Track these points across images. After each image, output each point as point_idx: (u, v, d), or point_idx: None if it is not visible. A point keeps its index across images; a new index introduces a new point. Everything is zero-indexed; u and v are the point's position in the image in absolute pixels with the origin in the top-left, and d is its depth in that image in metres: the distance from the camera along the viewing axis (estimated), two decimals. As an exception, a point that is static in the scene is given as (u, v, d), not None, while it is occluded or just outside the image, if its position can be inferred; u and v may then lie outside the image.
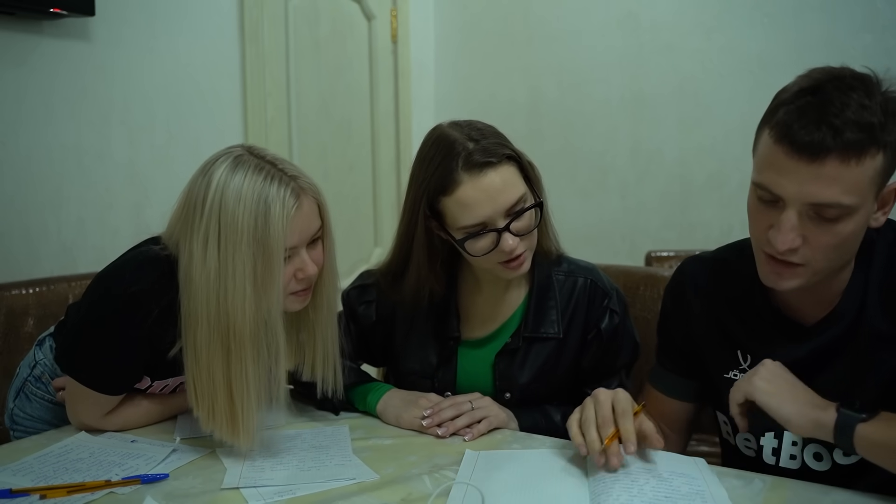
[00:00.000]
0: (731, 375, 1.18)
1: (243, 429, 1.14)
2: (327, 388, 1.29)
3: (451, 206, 1.25)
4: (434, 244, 1.34)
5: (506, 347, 1.38)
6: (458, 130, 1.28)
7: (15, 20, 1.95)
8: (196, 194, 1.13)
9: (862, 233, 1.03)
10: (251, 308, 1.10)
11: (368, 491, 1.06)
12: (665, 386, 1.29)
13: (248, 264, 1.09)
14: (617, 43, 2.98)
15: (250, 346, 1.12)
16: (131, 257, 1.23)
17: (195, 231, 1.12)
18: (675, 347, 1.27)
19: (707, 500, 0.99)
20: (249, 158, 1.14)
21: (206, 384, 1.13)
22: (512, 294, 1.40)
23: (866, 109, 0.94)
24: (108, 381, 1.24)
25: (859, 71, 1.00)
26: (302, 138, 2.81)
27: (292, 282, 1.16)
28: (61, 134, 2.08)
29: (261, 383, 1.14)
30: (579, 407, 1.10)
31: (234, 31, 2.54)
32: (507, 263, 1.27)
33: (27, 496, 1.03)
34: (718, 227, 2.77)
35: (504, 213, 1.24)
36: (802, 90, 0.99)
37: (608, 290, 1.41)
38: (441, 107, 3.41)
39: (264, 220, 1.09)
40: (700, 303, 1.22)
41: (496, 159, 1.24)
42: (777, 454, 1.14)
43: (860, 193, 0.96)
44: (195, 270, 1.11)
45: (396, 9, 3.20)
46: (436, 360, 1.40)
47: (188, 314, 1.13)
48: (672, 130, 2.91)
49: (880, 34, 2.52)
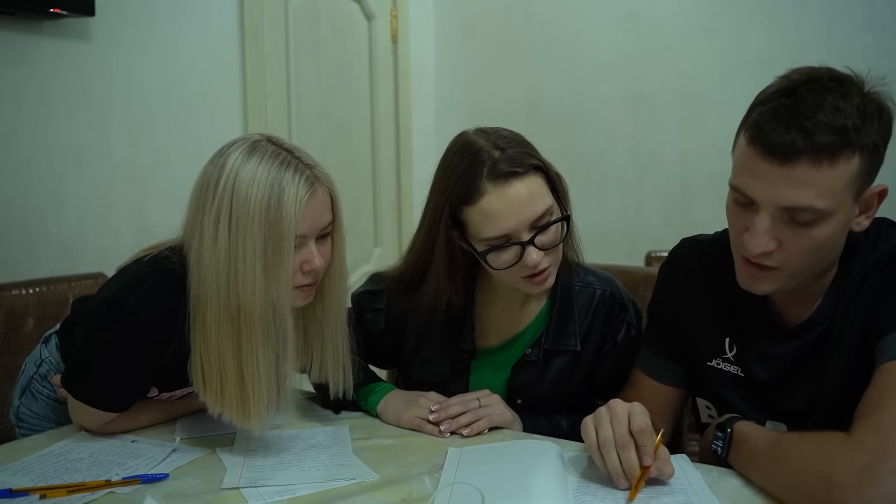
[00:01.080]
0: (714, 364, 1.17)
1: (254, 411, 1.12)
2: (338, 390, 1.27)
3: (474, 216, 1.22)
4: (455, 255, 1.30)
5: (524, 359, 1.35)
6: (483, 138, 1.24)
7: (15, 20, 1.95)
8: (210, 176, 1.12)
9: (841, 236, 1.01)
10: (261, 291, 1.09)
11: (368, 491, 1.06)
12: (652, 369, 1.27)
13: (258, 246, 1.08)
14: (617, 43, 2.98)
15: (260, 328, 1.10)
16: (142, 275, 1.17)
17: (207, 212, 1.11)
18: (664, 328, 1.26)
19: (690, 496, 0.99)
20: (267, 145, 1.13)
21: (214, 366, 1.12)
22: (530, 304, 1.38)
23: (840, 112, 0.93)
24: (112, 402, 1.22)
25: (841, 72, 0.99)
26: (302, 138, 2.81)
27: (298, 274, 1.14)
28: (61, 134, 2.08)
29: (271, 368, 1.13)
30: (592, 417, 1.06)
31: (234, 31, 2.54)
32: (530, 278, 1.24)
33: (27, 496, 1.03)
34: (718, 226, 2.74)
35: (529, 225, 1.20)
36: (778, 91, 0.98)
37: (626, 302, 1.39)
38: (441, 107, 3.41)
39: (277, 203, 1.08)
40: (692, 284, 1.21)
41: (522, 169, 1.20)
42: None
43: (834, 197, 0.94)
44: (206, 251, 1.10)
45: (396, 9, 3.21)
46: (448, 372, 1.38)
47: (198, 295, 1.12)
48: (672, 130, 2.92)
49: (880, 34, 2.52)
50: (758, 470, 1.01)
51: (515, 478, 1.04)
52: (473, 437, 1.24)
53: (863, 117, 0.94)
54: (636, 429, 1.01)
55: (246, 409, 1.12)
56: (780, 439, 1.00)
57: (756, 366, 1.14)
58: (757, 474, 1.01)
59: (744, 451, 1.04)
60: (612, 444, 1.01)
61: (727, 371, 1.16)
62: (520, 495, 0.99)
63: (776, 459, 0.97)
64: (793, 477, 0.94)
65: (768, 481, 0.99)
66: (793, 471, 0.94)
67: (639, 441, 1.01)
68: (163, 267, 1.16)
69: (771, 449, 0.99)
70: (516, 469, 1.07)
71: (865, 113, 0.94)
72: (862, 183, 0.97)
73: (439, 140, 1.32)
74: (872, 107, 0.96)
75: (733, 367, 1.15)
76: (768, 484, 0.99)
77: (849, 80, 0.97)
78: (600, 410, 1.06)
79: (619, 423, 1.02)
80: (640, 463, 1.00)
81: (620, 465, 1.00)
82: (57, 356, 1.40)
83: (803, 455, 0.93)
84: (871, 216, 1.03)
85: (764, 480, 1.00)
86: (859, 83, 0.97)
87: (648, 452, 1.00)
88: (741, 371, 1.15)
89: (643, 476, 1.00)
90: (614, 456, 1.01)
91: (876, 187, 1.00)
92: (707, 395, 1.22)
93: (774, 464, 0.97)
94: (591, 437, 1.04)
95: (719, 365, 1.16)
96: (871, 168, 0.97)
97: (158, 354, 1.18)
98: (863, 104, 0.95)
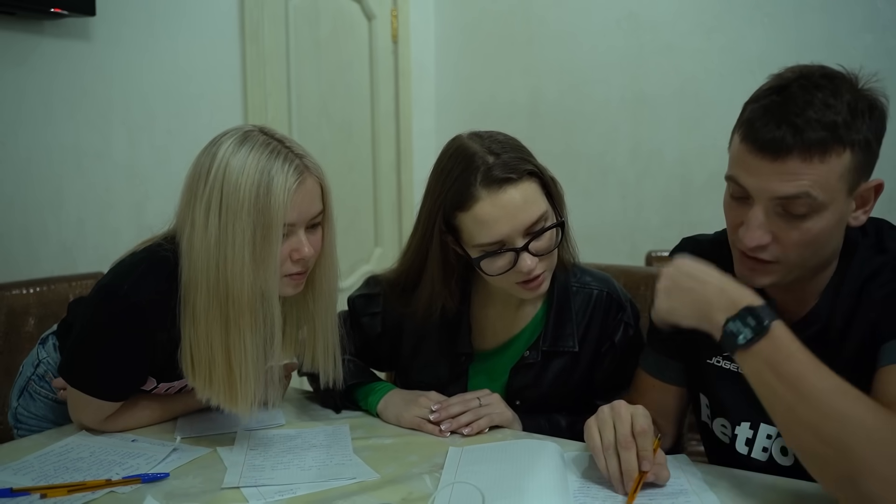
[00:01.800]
0: (713, 361, 1.18)
1: (241, 396, 1.14)
2: (328, 379, 1.28)
3: (468, 222, 1.21)
4: (449, 259, 1.29)
5: (522, 361, 1.35)
6: (478, 142, 1.23)
7: (15, 20, 1.95)
8: (202, 164, 1.14)
9: (837, 232, 1.02)
10: (249, 277, 1.11)
11: (369, 490, 1.06)
12: (655, 369, 1.27)
13: (247, 233, 1.10)
14: (617, 43, 2.98)
15: (248, 315, 1.12)
16: (135, 262, 1.20)
17: (198, 199, 1.12)
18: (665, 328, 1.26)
19: (690, 496, 0.99)
20: (258, 135, 1.15)
21: (203, 350, 1.13)
22: (527, 306, 1.37)
23: (830, 108, 0.94)
24: (110, 390, 1.23)
25: (833, 69, 1.00)
26: (302, 138, 2.79)
27: (287, 262, 1.16)
28: (61, 134, 2.08)
29: (259, 353, 1.15)
30: (595, 418, 1.07)
31: (235, 31, 2.54)
32: (524, 284, 1.24)
33: (28, 495, 1.03)
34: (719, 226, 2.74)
35: (523, 231, 1.20)
36: (770, 89, 1.00)
37: (623, 302, 1.39)
38: (441, 107, 3.41)
39: (266, 190, 1.10)
40: None
41: (517, 175, 1.19)
42: (750, 445, 1.14)
43: (827, 190, 0.95)
44: (196, 238, 1.12)
45: (397, 9, 3.21)
46: (446, 375, 1.38)
47: (188, 281, 1.13)
48: (672, 130, 2.92)
49: (881, 34, 2.52)
50: (778, 385, 0.94)
51: (516, 477, 1.04)
52: (474, 437, 1.24)
53: (853, 113, 0.95)
54: (638, 430, 1.01)
55: (233, 393, 1.14)
56: (820, 369, 0.94)
57: None
58: (773, 388, 0.94)
59: (778, 354, 0.94)
60: (614, 448, 1.02)
61: (726, 369, 1.16)
62: (520, 495, 0.99)
63: (812, 391, 0.91)
64: (817, 417, 0.90)
65: (782, 403, 0.94)
66: (824, 414, 0.90)
67: (639, 444, 1.01)
68: (155, 254, 1.19)
69: (810, 374, 0.92)
70: (517, 469, 1.07)
71: (857, 109, 0.95)
72: (855, 177, 0.98)
73: (440, 140, 1.32)
74: (864, 103, 0.97)
75: (733, 365, 1.15)
76: (779, 405, 0.95)
77: (840, 77, 0.98)
78: (604, 411, 1.06)
79: (622, 425, 1.02)
80: (639, 467, 1.00)
81: (620, 469, 1.01)
82: (55, 356, 1.40)
83: (843, 404, 0.90)
84: (869, 211, 1.04)
85: (776, 399, 0.95)
86: (851, 80, 0.98)
87: (648, 457, 1.00)
88: (740, 368, 1.15)
89: (641, 480, 1.00)
90: (615, 461, 1.01)
91: (871, 182, 1.01)
92: (705, 391, 1.22)
93: (805, 394, 0.92)
94: (594, 439, 1.05)
95: (719, 363, 1.17)
96: (863, 164, 0.98)
97: (154, 339, 1.18)
98: (854, 101, 0.96)
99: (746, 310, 0.97)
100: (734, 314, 0.97)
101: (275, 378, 1.20)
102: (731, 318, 0.97)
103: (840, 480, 0.90)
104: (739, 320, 0.97)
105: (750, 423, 1.14)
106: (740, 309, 0.97)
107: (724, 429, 1.18)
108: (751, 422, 1.14)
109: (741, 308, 0.97)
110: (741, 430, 1.15)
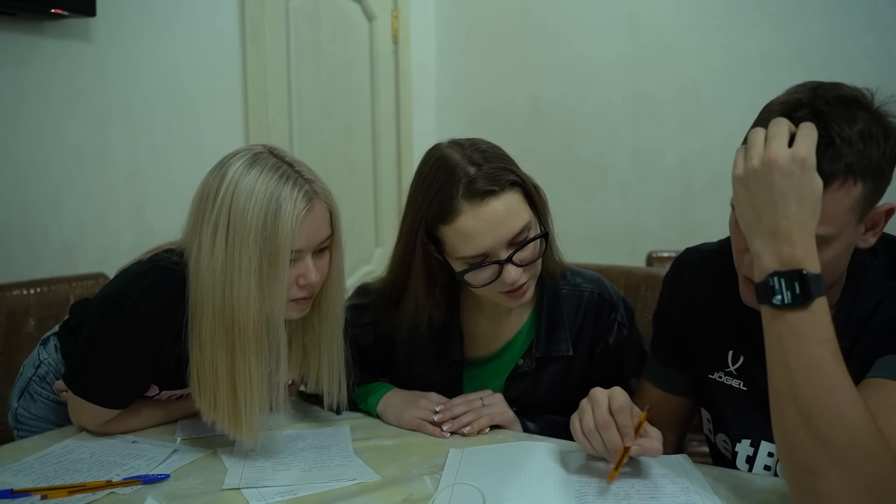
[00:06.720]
0: (715, 377, 1.17)
1: (245, 423, 1.13)
2: (332, 402, 1.28)
3: (451, 235, 1.19)
4: (433, 270, 1.27)
5: (517, 370, 1.34)
6: (459, 152, 1.21)
7: (16, 20, 1.95)
8: (210, 186, 1.13)
9: (845, 256, 1.00)
10: (255, 305, 1.10)
11: (369, 491, 1.05)
12: (658, 379, 1.27)
13: (253, 260, 1.08)
14: (618, 44, 2.98)
15: (254, 342, 1.11)
16: (143, 272, 1.18)
17: (206, 222, 1.11)
18: (669, 339, 1.25)
19: (691, 496, 0.99)
20: (268, 157, 1.14)
21: (209, 375, 1.13)
22: (518, 312, 1.36)
23: (845, 141, 0.90)
24: (112, 398, 1.23)
25: (848, 91, 0.95)
26: (303, 139, 2.81)
27: (293, 287, 1.15)
28: (61, 134, 2.08)
29: (263, 381, 1.14)
30: (577, 413, 1.08)
31: (235, 31, 2.54)
32: (509, 293, 1.23)
33: (28, 496, 1.03)
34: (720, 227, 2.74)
35: (507, 243, 1.18)
36: (780, 113, 0.94)
37: (615, 301, 1.37)
38: (442, 107, 3.42)
39: (274, 217, 1.08)
40: (696, 295, 1.20)
41: (499, 187, 1.17)
42: (751, 462, 1.13)
43: (836, 223, 0.92)
44: (203, 261, 1.11)
45: (397, 9, 3.21)
46: (440, 384, 1.37)
47: (195, 304, 1.12)
48: (673, 131, 2.92)
49: (882, 34, 2.52)
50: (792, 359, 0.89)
51: (516, 479, 1.04)
52: (474, 438, 1.24)
53: (866, 141, 0.91)
54: (615, 408, 1.02)
55: (238, 419, 1.13)
56: (840, 364, 0.89)
57: (762, 376, 1.13)
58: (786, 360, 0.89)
59: (807, 332, 0.88)
60: (594, 429, 1.03)
61: (728, 384, 1.15)
62: (521, 496, 0.99)
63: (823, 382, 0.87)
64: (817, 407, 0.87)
65: (788, 377, 0.89)
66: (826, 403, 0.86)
67: (619, 421, 1.02)
68: (164, 265, 1.17)
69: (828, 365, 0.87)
70: (517, 470, 1.07)
71: (871, 136, 0.92)
72: (866, 206, 0.95)
73: (440, 140, 1.31)
74: (879, 129, 0.93)
75: (735, 381, 1.14)
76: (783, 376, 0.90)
77: (855, 102, 0.94)
78: (582, 402, 1.08)
79: (598, 407, 1.04)
80: (622, 443, 1.02)
81: (606, 449, 1.02)
82: (56, 358, 1.40)
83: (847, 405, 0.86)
84: (878, 233, 1.01)
85: (784, 370, 0.89)
86: (867, 103, 0.94)
87: (628, 434, 1.01)
88: (743, 385, 1.14)
89: (625, 455, 1.01)
90: (598, 439, 1.03)
91: (883, 206, 0.98)
92: (707, 406, 1.21)
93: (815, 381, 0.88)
94: (576, 428, 1.06)
95: (721, 378, 1.15)
96: (875, 191, 0.95)
97: (159, 350, 1.17)
98: (866, 127, 0.92)
99: (798, 273, 0.87)
100: (784, 271, 0.88)
101: (279, 399, 1.19)
102: (779, 274, 0.88)
103: (803, 471, 0.87)
104: (786, 280, 0.88)
105: (750, 440, 1.13)
106: (793, 269, 0.87)
107: (726, 444, 1.18)
108: (751, 439, 1.13)
109: (794, 269, 0.87)
110: (741, 448, 1.14)
